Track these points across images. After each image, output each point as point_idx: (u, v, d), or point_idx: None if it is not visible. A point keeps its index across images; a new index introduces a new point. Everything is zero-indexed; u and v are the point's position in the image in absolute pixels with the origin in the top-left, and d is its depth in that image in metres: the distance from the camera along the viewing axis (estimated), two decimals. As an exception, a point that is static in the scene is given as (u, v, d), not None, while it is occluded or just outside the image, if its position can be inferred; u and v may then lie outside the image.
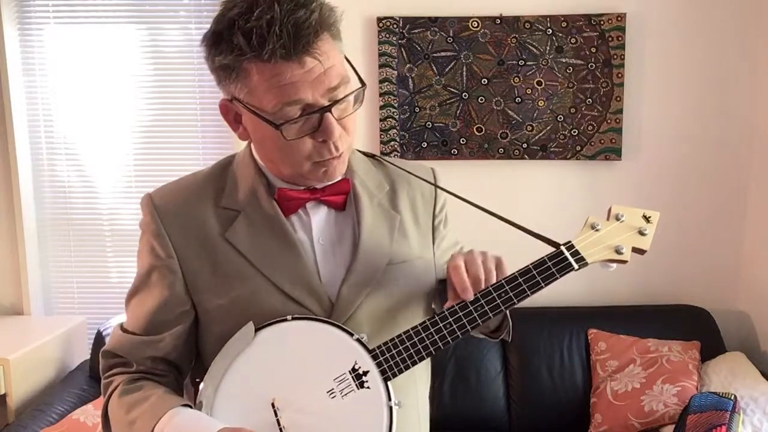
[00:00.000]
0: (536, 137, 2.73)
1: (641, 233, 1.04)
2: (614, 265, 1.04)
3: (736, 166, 2.75)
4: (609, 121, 2.71)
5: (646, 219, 1.06)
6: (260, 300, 1.04)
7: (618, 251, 1.02)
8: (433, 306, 1.17)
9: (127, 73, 2.84)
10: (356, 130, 1.05)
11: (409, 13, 2.70)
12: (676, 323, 2.63)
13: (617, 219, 1.05)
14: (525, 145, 2.74)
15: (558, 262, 1.00)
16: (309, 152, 0.99)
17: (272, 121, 0.96)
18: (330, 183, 1.08)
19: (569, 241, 1.03)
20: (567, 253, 1.01)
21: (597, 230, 1.04)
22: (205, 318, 1.08)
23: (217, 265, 1.05)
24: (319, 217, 1.09)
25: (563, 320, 2.65)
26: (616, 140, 2.71)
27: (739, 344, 2.71)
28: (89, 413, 2.30)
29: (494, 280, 1.01)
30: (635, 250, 1.04)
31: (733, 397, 2.09)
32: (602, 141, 2.72)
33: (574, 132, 2.72)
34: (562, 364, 2.60)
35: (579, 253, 1.01)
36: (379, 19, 2.70)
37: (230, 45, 0.94)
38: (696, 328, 2.61)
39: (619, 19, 2.65)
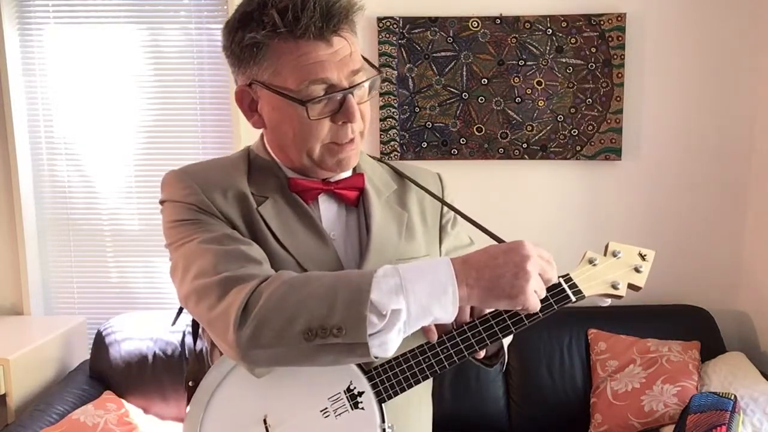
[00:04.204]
0: (536, 137, 2.73)
1: (637, 270, 1.07)
2: (609, 300, 1.06)
3: (736, 165, 2.75)
4: (609, 121, 2.71)
5: (642, 257, 1.09)
6: None
7: (614, 286, 1.05)
8: None
9: (127, 73, 2.84)
10: (369, 119, 1.07)
11: (409, 13, 2.70)
12: (676, 323, 2.62)
13: (614, 255, 1.08)
14: (525, 145, 2.74)
15: (556, 293, 1.02)
16: (325, 135, 1.00)
17: (298, 98, 0.97)
18: (344, 177, 1.08)
19: (567, 274, 1.05)
20: (565, 286, 1.03)
21: (594, 265, 1.07)
22: None
23: (255, 239, 1.02)
24: (329, 211, 1.08)
25: (563, 320, 2.64)
26: (616, 140, 2.71)
27: (739, 344, 2.71)
28: (89, 413, 2.30)
29: (467, 318, 1.01)
30: (630, 286, 1.07)
31: (733, 397, 2.09)
32: (602, 141, 2.72)
33: (574, 132, 2.72)
34: (562, 364, 2.60)
35: (576, 286, 1.04)
36: (379, 19, 2.70)
37: (261, 23, 0.95)
38: (696, 328, 2.61)
39: (619, 19, 2.65)
